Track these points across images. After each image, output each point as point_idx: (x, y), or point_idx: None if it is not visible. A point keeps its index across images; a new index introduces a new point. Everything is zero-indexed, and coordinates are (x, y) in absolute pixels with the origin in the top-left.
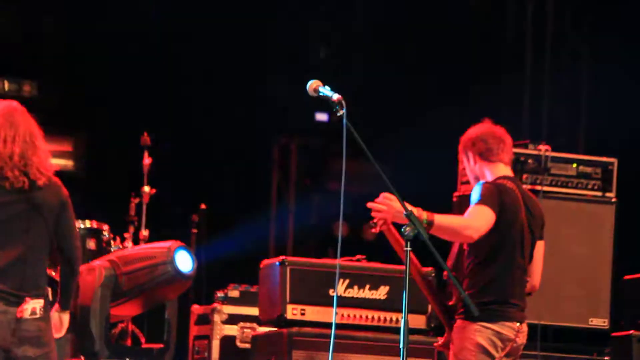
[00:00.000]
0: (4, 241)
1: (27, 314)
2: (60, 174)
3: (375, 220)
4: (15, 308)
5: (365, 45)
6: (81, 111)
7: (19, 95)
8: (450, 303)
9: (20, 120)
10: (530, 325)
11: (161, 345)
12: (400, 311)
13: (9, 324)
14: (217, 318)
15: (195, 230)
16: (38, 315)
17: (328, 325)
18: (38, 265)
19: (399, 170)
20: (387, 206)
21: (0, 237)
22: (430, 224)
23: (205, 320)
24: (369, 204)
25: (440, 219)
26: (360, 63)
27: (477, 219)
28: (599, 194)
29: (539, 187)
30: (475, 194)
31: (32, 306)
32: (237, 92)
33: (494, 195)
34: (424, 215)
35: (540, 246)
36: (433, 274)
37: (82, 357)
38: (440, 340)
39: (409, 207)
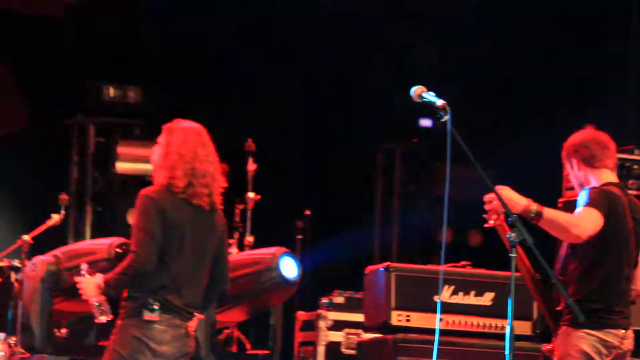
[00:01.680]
0: (192, 259)
1: (191, 330)
2: None
3: (487, 215)
4: (187, 324)
5: (470, 48)
6: (185, 117)
7: (123, 101)
8: (558, 308)
9: (208, 141)
10: (636, 332)
11: (266, 352)
12: (505, 317)
13: (180, 339)
14: (322, 324)
15: (300, 236)
16: (193, 333)
17: (433, 332)
18: (203, 284)
19: (502, 176)
20: (500, 194)
21: (184, 252)
22: (539, 215)
23: (310, 326)
24: (484, 197)
25: (550, 212)
26: (466, 66)
27: (586, 220)
28: None
29: None
30: (582, 198)
31: (194, 323)
32: (342, 97)
33: (602, 199)
34: (533, 206)
35: None
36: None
37: None
38: (549, 345)
39: (519, 198)
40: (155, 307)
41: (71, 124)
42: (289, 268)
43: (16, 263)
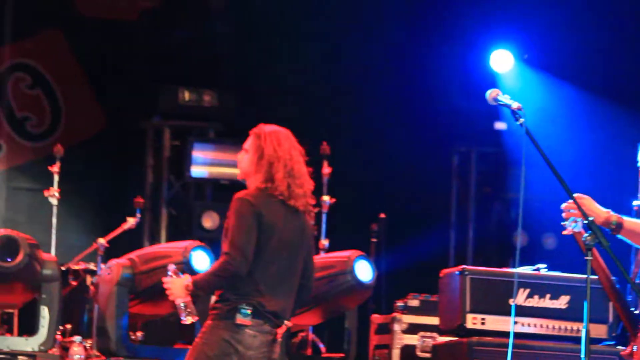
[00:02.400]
0: (286, 262)
1: (279, 337)
2: (238, 183)
3: (565, 223)
4: (276, 330)
5: (545, 52)
6: (259, 120)
7: (198, 105)
8: (637, 312)
9: (297, 143)
10: None
11: (341, 355)
12: (581, 321)
13: (268, 345)
14: (397, 327)
15: (374, 240)
16: (280, 340)
17: (508, 335)
18: (295, 289)
19: (577, 178)
20: (580, 204)
21: (279, 256)
22: (619, 226)
23: (385, 329)
24: (562, 205)
25: (630, 222)
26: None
27: None
28: None
29: None
30: None
31: (283, 330)
32: (417, 100)
33: None
34: (613, 217)
35: None
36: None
37: None
38: (627, 349)
39: (599, 209)
40: (248, 311)
41: (147, 128)
42: (364, 271)
43: (92, 266)
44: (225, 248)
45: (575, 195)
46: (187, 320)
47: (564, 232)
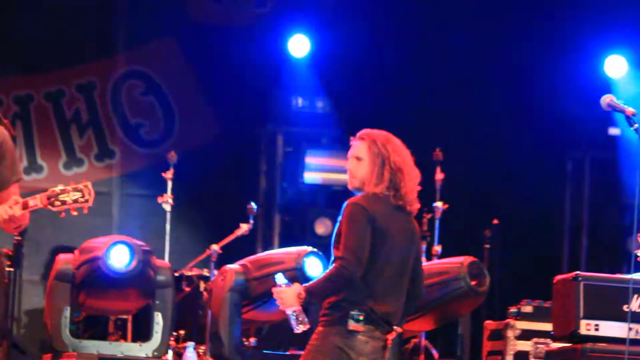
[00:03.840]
0: (397, 267)
1: (389, 344)
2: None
3: None
4: (386, 336)
5: None
6: (372, 126)
7: (312, 112)
8: None
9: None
10: None
11: None
12: None
13: (378, 351)
14: (510, 333)
15: (487, 245)
16: (389, 346)
17: (623, 341)
18: (405, 295)
19: None
20: None
21: (391, 261)
22: None
23: (498, 335)
24: None
25: None
26: None
27: None
28: None
29: None
30: None
31: (393, 336)
32: (531, 106)
33: None
34: None
35: None
36: None
37: None
38: None
39: None
40: (361, 317)
41: (260, 134)
42: (476, 277)
43: (205, 272)
44: (339, 253)
45: None
46: (299, 329)
47: None
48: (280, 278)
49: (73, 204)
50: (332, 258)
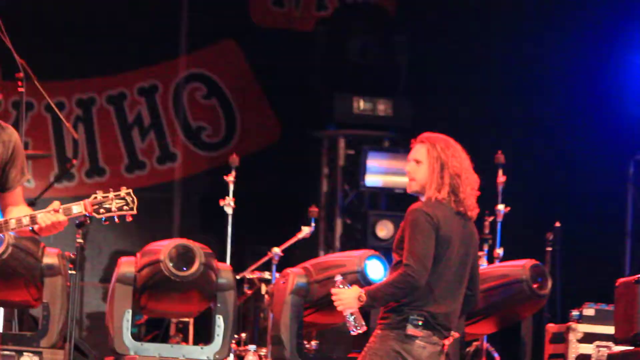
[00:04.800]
0: (457, 273)
1: (446, 349)
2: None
3: None
4: (443, 342)
5: None
6: (434, 129)
7: (373, 115)
8: None
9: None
10: None
11: None
12: None
13: (435, 356)
14: (572, 337)
15: (549, 248)
16: (446, 351)
17: None
18: (462, 299)
19: None
20: None
21: (451, 266)
22: None
23: (560, 338)
24: None
25: None
26: None
27: None
28: None
29: None
30: None
31: (449, 342)
32: (593, 107)
33: None
34: None
35: None
36: None
37: None
38: None
39: None
40: (420, 322)
41: (322, 137)
42: (537, 280)
43: (266, 275)
44: (405, 260)
45: None
46: (356, 331)
47: None
48: (338, 279)
49: (118, 212)
50: (393, 262)
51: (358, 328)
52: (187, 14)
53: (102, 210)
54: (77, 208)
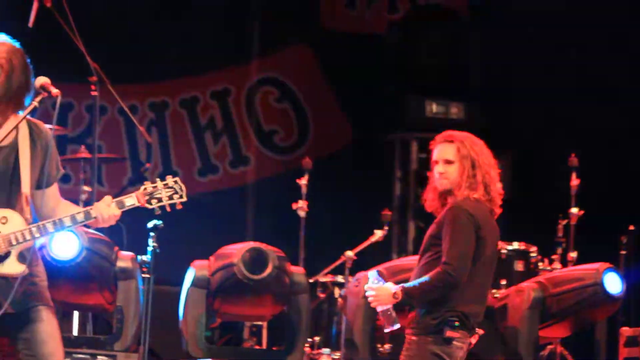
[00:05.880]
0: (487, 273)
1: (471, 347)
2: None
3: None
4: (469, 340)
5: None
6: (507, 133)
7: (445, 118)
8: None
9: None
10: None
11: None
12: None
13: (464, 355)
14: None
15: (624, 252)
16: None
17: None
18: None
19: None
20: None
21: (487, 267)
22: None
23: (634, 342)
24: None
25: None
26: None
27: None
28: None
29: None
30: None
31: (475, 340)
32: None
33: None
34: None
35: None
36: None
37: None
38: None
39: None
40: (456, 323)
41: (393, 140)
42: (613, 283)
43: (340, 279)
44: (445, 258)
45: None
46: (390, 328)
47: None
48: (372, 275)
49: (169, 200)
50: (426, 260)
51: (392, 325)
52: (259, 18)
53: (153, 201)
54: (129, 200)
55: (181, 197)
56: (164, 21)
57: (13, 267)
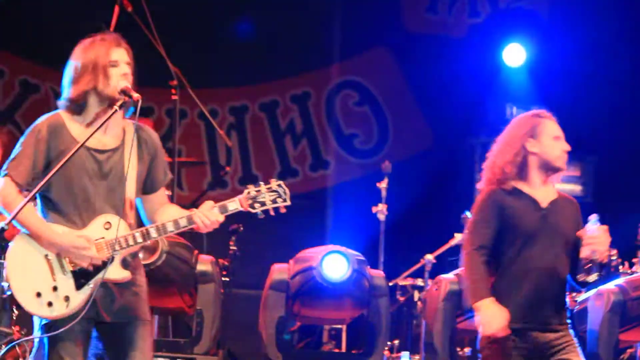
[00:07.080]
0: None
1: None
2: None
3: None
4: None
5: None
6: (590, 136)
7: None
8: None
9: None
10: None
11: None
12: None
13: None
14: None
15: None
16: None
17: None
18: None
19: None
20: None
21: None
22: None
23: None
24: None
25: None
26: None
27: None
28: None
29: None
30: None
31: None
32: None
33: None
34: None
35: None
36: None
37: None
38: None
39: None
40: None
41: (474, 144)
42: None
43: (419, 282)
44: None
45: None
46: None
47: None
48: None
49: (272, 204)
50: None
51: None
52: (340, 22)
53: (257, 205)
54: (232, 205)
55: (285, 200)
56: (244, 26)
57: (117, 272)
